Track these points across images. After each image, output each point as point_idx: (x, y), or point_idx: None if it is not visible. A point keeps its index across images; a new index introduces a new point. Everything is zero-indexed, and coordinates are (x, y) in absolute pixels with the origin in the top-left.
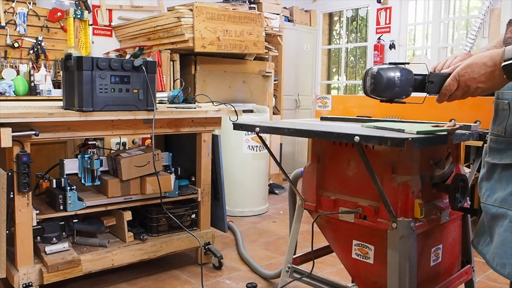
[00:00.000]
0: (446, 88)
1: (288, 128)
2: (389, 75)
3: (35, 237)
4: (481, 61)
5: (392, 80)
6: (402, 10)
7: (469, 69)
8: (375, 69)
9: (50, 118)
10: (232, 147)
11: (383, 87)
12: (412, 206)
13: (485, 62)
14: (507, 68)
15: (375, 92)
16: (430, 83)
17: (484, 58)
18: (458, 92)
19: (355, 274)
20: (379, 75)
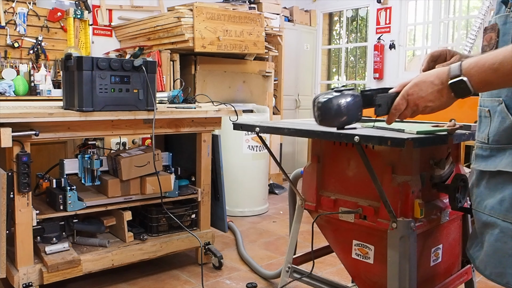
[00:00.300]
0: (396, 107)
1: (288, 128)
2: (335, 104)
3: (35, 237)
4: (428, 80)
5: (339, 109)
6: (402, 10)
7: (417, 88)
8: (320, 99)
9: (50, 118)
10: (232, 147)
11: (330, 117)
12: (412, 206)
13: (432, 81)
14: (453, 86)
15: (323, 122)
16: (377, 106)
17: (431, 77)
18: (407, 112)
19: (355, 274)
20: (324, 106)
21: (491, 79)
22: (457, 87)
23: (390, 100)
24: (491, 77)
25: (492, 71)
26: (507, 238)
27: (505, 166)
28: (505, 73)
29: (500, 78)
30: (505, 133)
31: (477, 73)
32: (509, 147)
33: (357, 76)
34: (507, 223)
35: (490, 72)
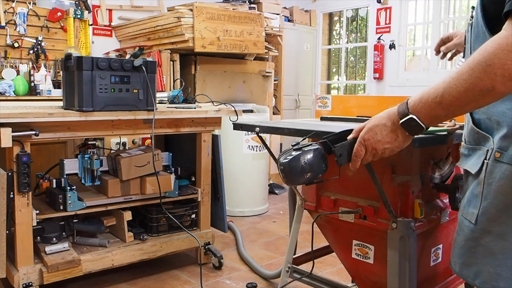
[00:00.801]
0: (356, 154)
1: (288, 128)
2: (297, 164)
3: (35, 237)
4: (381, 123)
5: (302, 168)
6: (402, 10)
7: (372, 133)
8: (281, 160)
9: (50, 118)
10: (232, 147)
11: (295, 177)
12: (412, 206)
13: (385, 123)
14: (405, 125)
15: (289, 183)
16: (339, 156)
17: (383, 119)
18: (367, 156)
19: (355, 274)
20: (287, 167)
21: (438, 112)
22: (408, 125)
23: (349, 147)
24: (437, 111)
25: (436, 105)
26: (460, 231)
27: (468, 166)
28: (449, 104)
29: (445, 110)
30: (472, 136)
31: (423, 109)
32: (478, 148)
33: (357, 76)
34: (462, 218)
35: (434, 106)
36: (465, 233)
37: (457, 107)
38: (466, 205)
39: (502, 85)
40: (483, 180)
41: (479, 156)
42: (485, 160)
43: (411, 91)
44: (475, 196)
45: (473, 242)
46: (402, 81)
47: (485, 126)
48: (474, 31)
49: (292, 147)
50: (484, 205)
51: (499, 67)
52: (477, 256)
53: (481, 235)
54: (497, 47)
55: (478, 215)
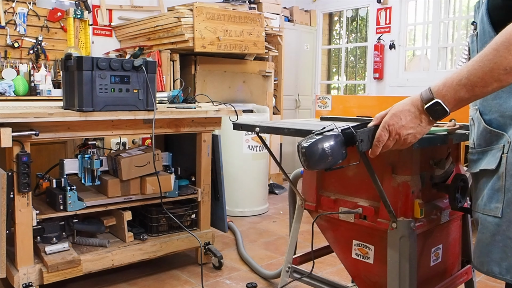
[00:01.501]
0: (378, 139)
1: (288, 128)
2: (318, 148)
3: (35, 237)
4: (405, 109)
5: (323, 152)
6: (402, 10)
7: (396, 118)
8: (303, 144)
9: (50, 118)
10: (232, 147)
11: (316, 161)
12: (412, 206)
13: (409, 109)
14: (429, 109)
15: (310, 167)
16: (360, 141)
17: (407, 105)
18: (389, 142)
19: (355, 274)
20: (308, 151)
21: (463, 94)
22: (433, 110)
23: (371, 133)
24: (462, 93)
25: (461, 87)
26: (484, 229)
27: (484, 165)
28: (473, 85)
29: (469, 92)
30: (483, 137)
31: (448, 92)
32: (489, 149)
33: (357, 76)
34: (485, 216)
35: (459, 88)
36: (490, 230)
37: (481, 87)
38: (487, 202)
39: None
40: (504, 173)
41: (494, 154)
42: (503, 154)
43: (411, 91)
44: (497, 190)
45: (501, 236)
46: (402, 81)
47: (497, 124)
48: (481, 40)
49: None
50: (508, 197)
51: None
52: (506, 250)
53: (508, 227)
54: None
55: (503, 207)
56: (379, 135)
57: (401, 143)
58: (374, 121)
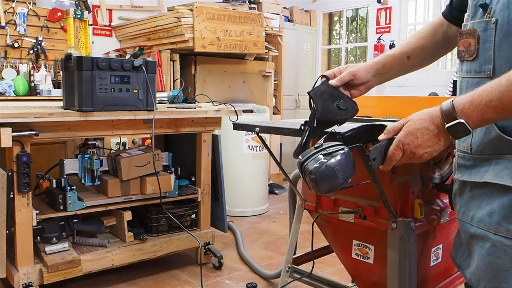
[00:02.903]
0: (391, 158)
1: (288, 128)
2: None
3: (35, 237)
4: (423, 126)
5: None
6: (402, 10)
7: (412, 137)
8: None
9: (50, 118)
10: (232, 147)
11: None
12: (412, 206)
13: (427, 127)
14: (451, 129)
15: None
16: (372, 160)
17: (425, 123)
18: (403, 159)
19: (355, 274)
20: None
21: (490, 116)
22: (455, 130)
23: (384, 149)
24: (490, 115)
25: (490, 109)
26: (500, 252)
27: (492, 178)
28: (505, 108)
29: (499, 115)
30: (491, 144)
31: (474, 113)
32: (494, 157)
33: None
34: (499, 237)
35: (488, 110)
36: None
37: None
38: (502, 221)
39: None
40: None
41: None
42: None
43: (411, 91)
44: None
45: None
46: (402, 81)
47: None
48: (502, 30)
49: (315, 149)
50: None
51: None
52: None
53: None
54: None
55: None
56: (392, 154)
57: (416, 161)
58: (386, 135)
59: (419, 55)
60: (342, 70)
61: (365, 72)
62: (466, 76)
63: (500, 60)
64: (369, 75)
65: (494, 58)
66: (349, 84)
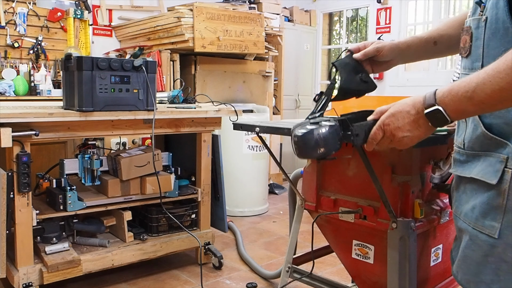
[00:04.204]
0: (372, 137)
1: (288, 128)
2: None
3: (35, 237)
4: (405, 110)
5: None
6: (402, 10)
7: (393, 118)
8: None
9: (50, 118)
10: (232, 147)
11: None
12: (412, 206)
13: (408, 111)
14: (429, 115)
15: (301, 155)
16: (355, 136)
17: (407, 107)
18: (384, 141)
19: (355, 274)
20: (301, 140)
21: (467, 107)
22: (433, 116)
23: (368, 128)
24: (466, 106)
25: (467, 100)
26: (475, 246)
27: (476, 174)
28: (480, 101)
29: (476, 106)
30: (478, 141)
31: (452, 102)
32: (483, 154)
33: None
34: (476, 231)
35: (465, 101)
36: (483, 249)
37: (488, 105)
38: (480, 217)
39: None
40: (506, 191)
41: (492, 164)
42: (507, 169)
43: (411, 91)
44: (495, 208)
45: (495, 258)
46: (402, 81)
47: (498, 131)
48: (490, 27)
49: (308, 119)
50: (509, 218)
51: None
52: (499, 273)
53: (505, 250)
54: None
55: (501, 229)
56: (374, 133)
57: (397, 144)
58: (374, 116)
59: (446, 43)
60: (368, 45)
61: (389, 50)
62: (462, 72)
63: (488, 58)
64: (393, 54)
65: (483, 55)
66: (373, 60)
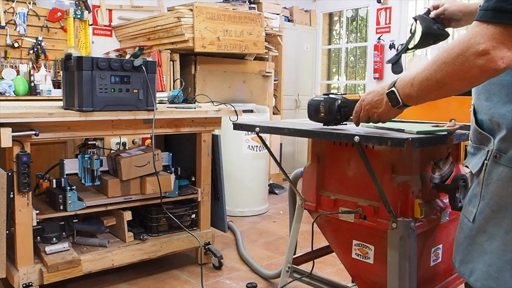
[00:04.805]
0: (355, 110)
1: (288, 128)
2: (315, 104)
3: (35, 237)
4: (376, 90)
5: (317, 108)
6: (402, 10)
7: (368, 96)
8: (310, 99)
9: (50, 118)
10: (232, 147)
11: (312, 113)
12: (412, 206)
13: (379, 91)
14: (388, 95)
15: (310, 117)
16: (345, 108)
17: (379, 88)
18: (362, 115)
19: (355, 274)
20: (309, 105)
21: (410, 92)
22: (390, 96)
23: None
24: (410, 91)
25: (410, 85)
26: (460, 229)
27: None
28: (417, 88)
29: (416, 93)
30: (474, 135)
31: (402, 86)
32: (480, 148)
33: (357, 76)
34: (463, 216)
35: (408, 86)
36: (464, 231)
37: (422, 92)
38: (467, 203)
39: (453, 82)
40: (482, 180)
41: (481, 156)
42: (485, 161)
43: None
44: (475, 195)
45: (470, 240)
46: None
47: (487, 127)
48: None
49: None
50: (481, 205)
51: (451, 66)
52: (473, 254)
53: (477, 233)
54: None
55: (476, 214)
56: (356, 107)
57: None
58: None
59: None
60: (441, 4)
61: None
62: None
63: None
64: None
65: None
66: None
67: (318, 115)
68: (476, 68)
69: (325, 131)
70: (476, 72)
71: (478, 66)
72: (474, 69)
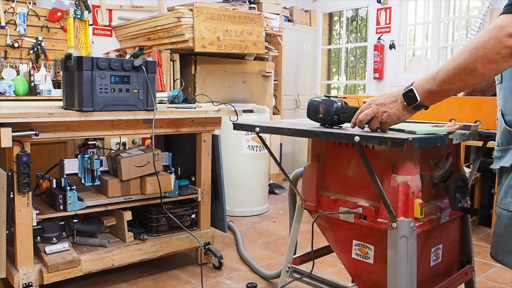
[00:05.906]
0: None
1: (288, 128)
2: (315, 104)
3: (35, 237)
4: (389, 92)
5: (317, 108)
6: (402, 10)
7: (382, 97)
8: (311, 99)
9: (50, 118)
10: (232, 147)
11: (311, 113)
12: (412, 206)
13: (392, 93)
14: (405, 95)
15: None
16: (343, 113)
17: (393, 91)
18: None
19: (355, 274)
20: (309, 104)
21: (431, 87)
22: (407, 95)
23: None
24: (431, 86)
25: (431, 80)
26: (499, 221)
27: (503, 163)
28: (440, 80)
29: (438, 86)
30: (504, 136)
31: (422, 83)
32: (510, 148)
33: (357, 76)
34: (500, 209)
35: (430, 81)
36: (504, 222)
37: (446, 83)
38: (503, 197)
39: (482, 66)
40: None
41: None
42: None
43: None
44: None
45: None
46: (402, 81)
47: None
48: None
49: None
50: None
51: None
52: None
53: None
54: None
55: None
56: (363, 106)
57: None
58: None
59: None
60: None
61: None
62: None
63: None
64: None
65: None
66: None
67: (317, 115)
68: (507, 49)
69: (325, 131)
70: (507, 53)
71: (509, 46)
72: (505, 50)
